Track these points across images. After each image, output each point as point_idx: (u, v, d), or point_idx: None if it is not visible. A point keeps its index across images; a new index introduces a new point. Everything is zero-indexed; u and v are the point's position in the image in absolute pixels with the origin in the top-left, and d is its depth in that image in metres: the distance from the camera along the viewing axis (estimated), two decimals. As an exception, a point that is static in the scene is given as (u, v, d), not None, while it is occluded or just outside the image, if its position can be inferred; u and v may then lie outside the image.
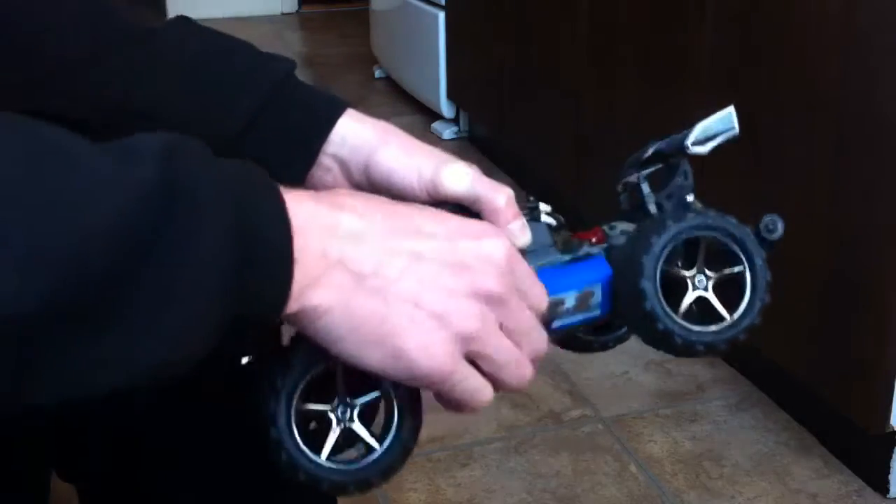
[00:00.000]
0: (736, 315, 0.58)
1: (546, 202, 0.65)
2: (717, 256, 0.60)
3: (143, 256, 0.41)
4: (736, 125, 0.61)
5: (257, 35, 4.40)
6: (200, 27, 0.68)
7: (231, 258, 0.44)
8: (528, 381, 0.55)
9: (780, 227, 0.60)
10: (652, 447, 1.51)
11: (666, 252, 0.58)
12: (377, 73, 3.56)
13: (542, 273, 0.60)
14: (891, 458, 1.38)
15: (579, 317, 0.61)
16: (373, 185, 0.65)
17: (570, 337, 0.67)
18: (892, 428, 1.33)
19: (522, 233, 0.60)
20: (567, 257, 0.62)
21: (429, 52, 2.90)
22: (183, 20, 0.68)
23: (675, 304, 0.58)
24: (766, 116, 1.43)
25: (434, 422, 1.73)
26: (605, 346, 0.69)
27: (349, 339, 0.49)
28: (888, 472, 1.38)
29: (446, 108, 2.90)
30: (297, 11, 4.94)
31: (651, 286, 0.57)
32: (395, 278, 0.49)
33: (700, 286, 0.59)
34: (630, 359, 1.74)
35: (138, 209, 0.41)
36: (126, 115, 0.65)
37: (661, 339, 0.58)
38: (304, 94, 0.67)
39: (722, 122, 0.62)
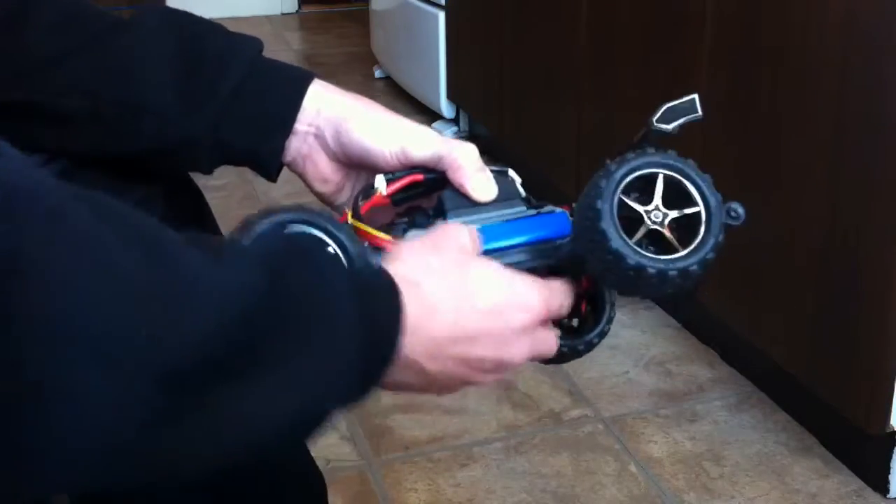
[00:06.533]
0: (688, 249, 0.61)
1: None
2: (676, 201, 0.63)
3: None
4: (699, 109, 0.66)
5: (257, 35, 4.38)
6: (173, 12, 0.71)
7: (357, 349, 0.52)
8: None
9: (742, 212, 0.63)
10: (652, 447, 1.51)
11: (624, 182, 0.61)
12: (377, 73, 3.56)
13: (507, 225, 0.64)
14: (891, 458, 1.38)
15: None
16: (346, 153, 0.69)
17: None
18: (892, 428, 1.33)
19: (488, 184, 0.65)
20: (533, 211, 0.66)
21: (429, 52, 2.89)
22: (156, 6, 0.71)
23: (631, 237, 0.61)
24: (765, 115, 1.43)
25: (434, 422, 1.72)
26: (574, 350, 0.69)
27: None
28: (888, 472, 1.38)
29: (446, 109, 2.90)
30: (297, 11, 4.94)
31: (608, 207, 0.60)
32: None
33: (656, 221, 0.61)
34: (630, 359, 1.74)
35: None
36: (111, 105, 0.67)
37: (613, 262, 0.59)
38: (274, 69, 0.71)
39: (686, 104, 0.67)
